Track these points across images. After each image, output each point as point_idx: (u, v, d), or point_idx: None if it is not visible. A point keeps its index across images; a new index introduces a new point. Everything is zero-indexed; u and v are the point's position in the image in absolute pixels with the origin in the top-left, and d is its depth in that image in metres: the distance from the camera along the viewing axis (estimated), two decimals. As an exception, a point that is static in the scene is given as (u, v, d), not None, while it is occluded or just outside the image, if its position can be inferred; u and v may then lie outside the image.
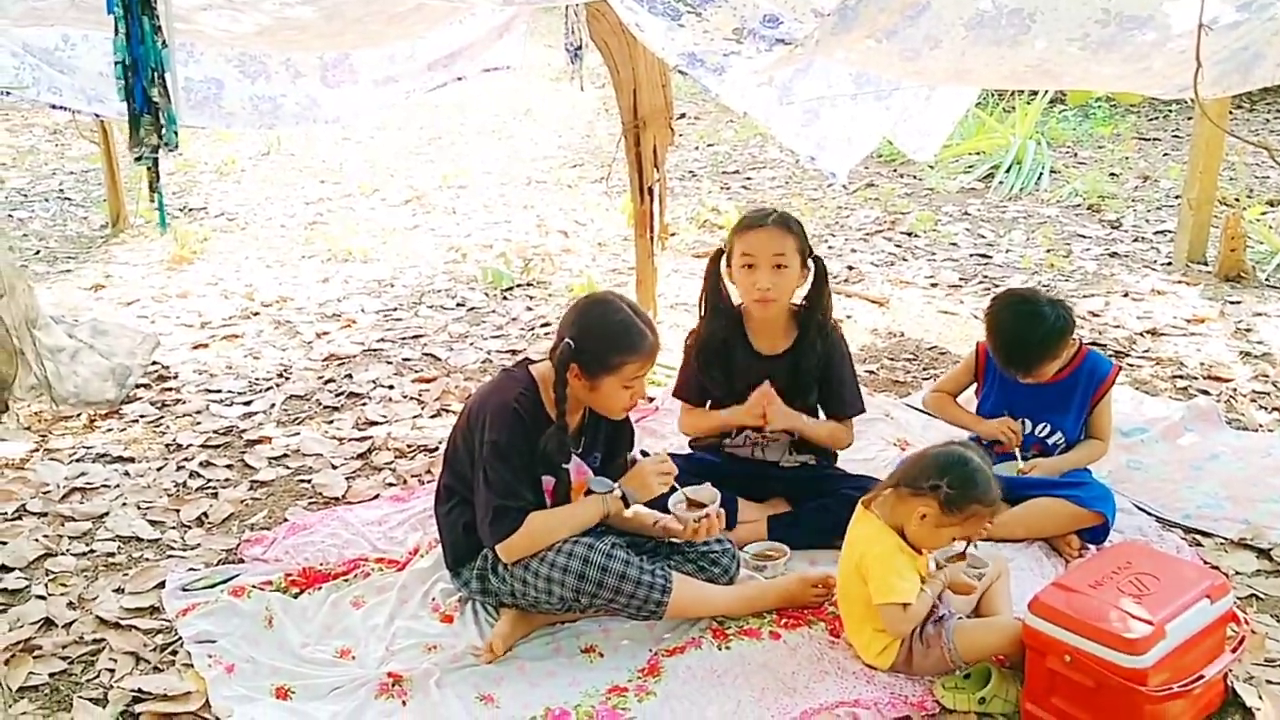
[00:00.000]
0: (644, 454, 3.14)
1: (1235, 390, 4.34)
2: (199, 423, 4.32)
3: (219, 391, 4.62)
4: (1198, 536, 3.32)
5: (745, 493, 3.37)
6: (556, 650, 2.84)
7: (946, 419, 3.66)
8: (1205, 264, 5.75)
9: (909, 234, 6.71)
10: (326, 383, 4.72)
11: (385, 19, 3.48)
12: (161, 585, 3.15)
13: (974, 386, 3.63)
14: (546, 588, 2.77)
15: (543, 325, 5.28)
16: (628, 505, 2.90)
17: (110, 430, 4.25)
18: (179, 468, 3.94)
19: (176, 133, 2.34)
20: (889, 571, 2.63)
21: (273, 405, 4.48)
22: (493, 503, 2.76)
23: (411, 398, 4.53)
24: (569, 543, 2.79)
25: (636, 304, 2.93)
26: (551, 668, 2.76)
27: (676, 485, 2.97)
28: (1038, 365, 3.33)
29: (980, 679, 2.60)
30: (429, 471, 3.79)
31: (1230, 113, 7.09)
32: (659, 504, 3.01)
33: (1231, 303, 5.25)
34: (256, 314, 5.63)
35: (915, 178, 8.01)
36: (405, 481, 3.81)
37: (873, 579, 2.64)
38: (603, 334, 2.79)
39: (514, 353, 4.97)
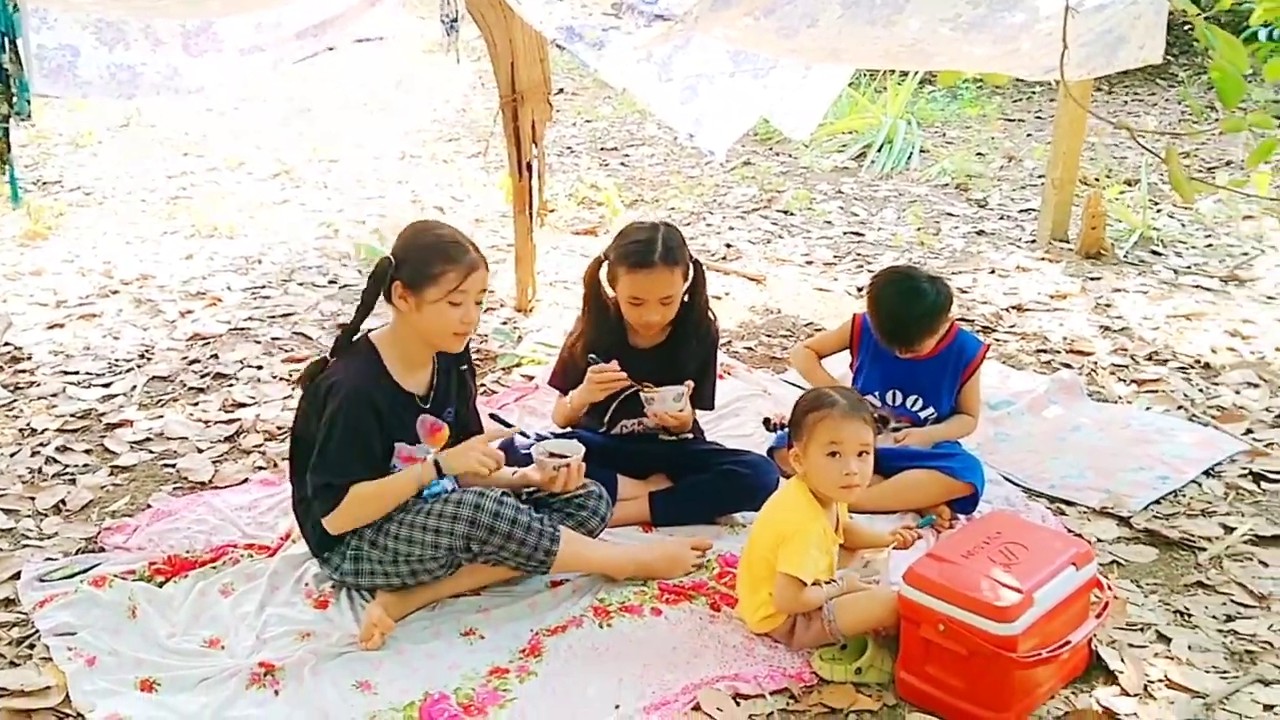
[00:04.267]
0: (524, 434, 3.14)
1: (1096, 364, 4.49)
2: (55, 406, 4.12)
3: (76, 373, 4.42)
4: (1062, 505, 3.43)
5: (626, 469, 3.36)
6: (436, 634, 2.79)
7: (806, 375, 3.70)
8: (1067, 242, 5.94)
9: (785, 212, 6.78)
10: (191, 363, 4.55)
11: (250, -16, 3.35)
12: (17, 576, 3.00)
13: (849, 360, 3.69)
14: (434, 540, 2.73)
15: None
16: (441, 475, 2.84)
17: (-42, 415, 4.04)
18: (34, 453, 3.76)
19: (29, 101, 2.22)
20: (805, 548, 2.66)
21: (134, 387, 4.30)
22: (318, 481, 2.74)
23: (281, 378, 4.40)
24: (458, 492, 2.80)
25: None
26: (431, 650, 2.72)
27: (530, 436, 3.01)
28: (918, 340, 3.40)
29: (856, 649, 2.65)
30: (301, 454, 3.69)
31: (1090, 95, 7.33)
32: (524, 462, 3.05)
33: (1092, 279, 5.44)
34: (116, 292, 5.40)
35: (791, 156, 8.10)
36: (276, 465, 3.69)
37: (787, 545, 2.66)
38: (424, 245, 2.82)
39: (389, 331, 4.87)
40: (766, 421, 2.88)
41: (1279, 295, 5.15)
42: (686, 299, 3.31)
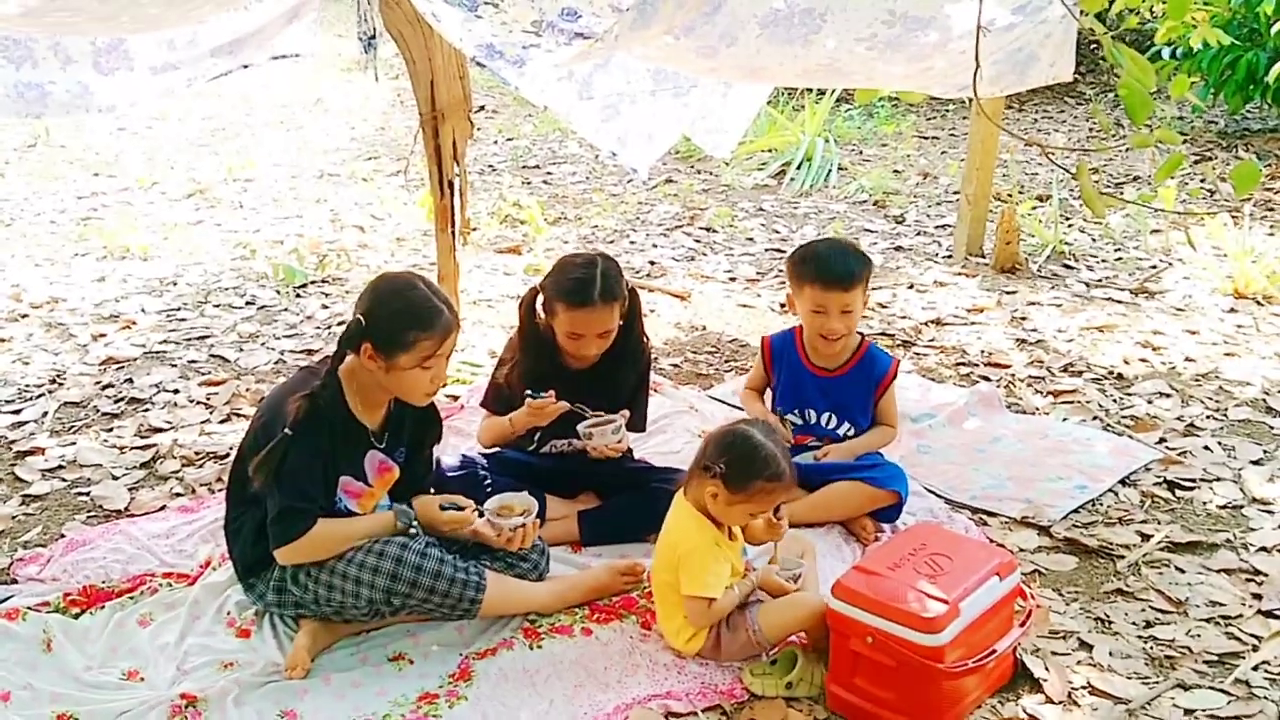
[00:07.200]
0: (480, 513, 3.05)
1: (1013, 376, 4.58)
2: (-39, 434, 3.99)
3: (-16, 400, 4.29)
4: (983, 516, 3.48)
5: (554, 488, 3.34)
6: (363, 660, 2.75)
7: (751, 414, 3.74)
8: (983, 256, 6.05)
9: (708, 229, 6.82)
10: (105, 388, 4.44)
11: (164, 2, 3.28)
12: (-78, 612, 2.90)
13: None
14: (354, 590, 2.68)
15: (340, 323, 5.11)
16: (414, 535, 2.82)
17: None
18: (-61, 484, 3.64)
19: (-72, 120, 2.14)
20: (703, 566, 2.67)
21: (45, 413, 4.18)
22: (281, 504, 2.65)
23: (199, 402, 4.31)
24: (379, 542, 2.72)
25: (434, 283, 2.85)
26: (358, 678, 2.67)
27: (484, 513, 2.93)
28: (859, 270, 3.38)
29: (786, 664, 2.66)
30: (220, 480, 3.61)
31: (1002, 113, 7.50)
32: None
33: (1007, 293, 5.55)
34: (25, 316, 5.25)
35: (712, 174, 8.15)
36: (194, 491, 3.62)
37: (685, 570, 2.67)
38: (397, 309, 2.70)
39: (309, 353, 4.80)
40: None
41: (1187, 307, 5.30)
42: (622, 323, 3.31)
